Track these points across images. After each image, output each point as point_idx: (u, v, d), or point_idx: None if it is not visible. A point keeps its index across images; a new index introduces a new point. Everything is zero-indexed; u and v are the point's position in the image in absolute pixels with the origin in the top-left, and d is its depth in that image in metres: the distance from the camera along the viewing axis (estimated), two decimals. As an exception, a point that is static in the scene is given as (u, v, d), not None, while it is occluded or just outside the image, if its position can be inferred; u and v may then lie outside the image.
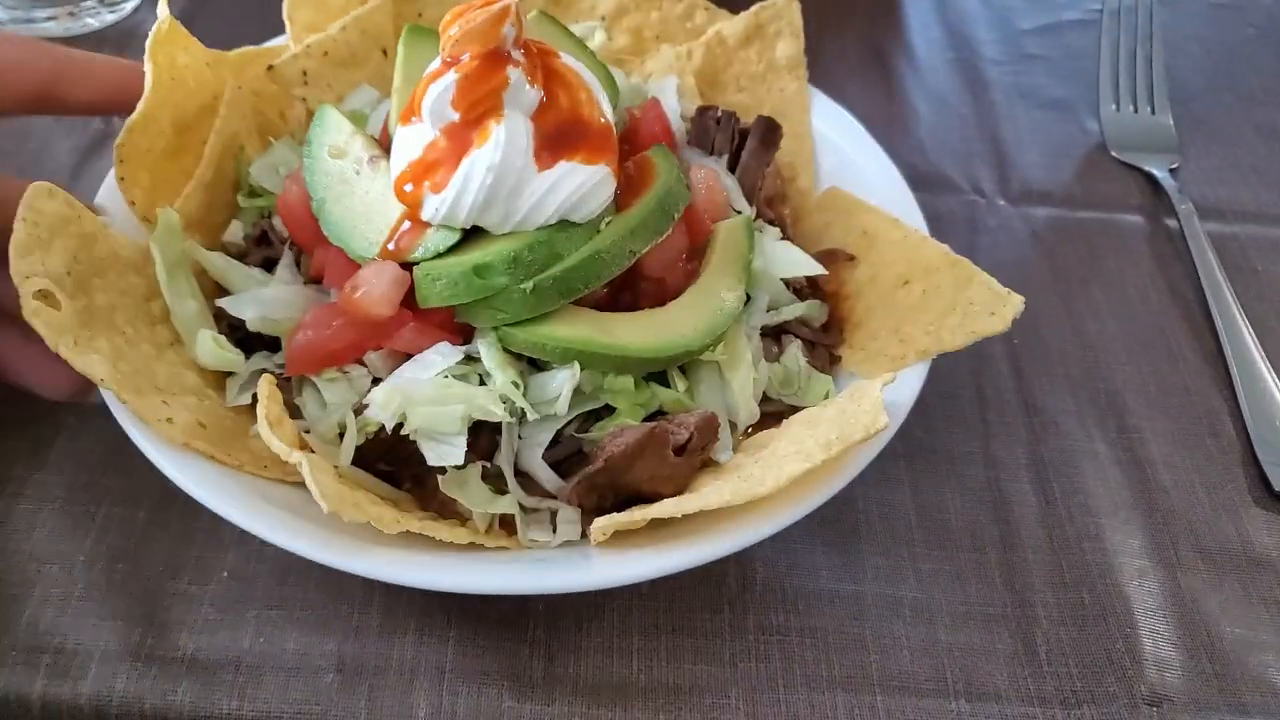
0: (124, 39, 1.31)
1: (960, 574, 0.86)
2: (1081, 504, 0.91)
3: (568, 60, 0.81)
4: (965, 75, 1.38)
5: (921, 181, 1.15)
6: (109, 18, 1.33)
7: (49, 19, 1.28)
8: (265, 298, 0.82)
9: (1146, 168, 1.25)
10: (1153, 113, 1.30)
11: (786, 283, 0.89)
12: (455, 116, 0.76)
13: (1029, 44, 1.44)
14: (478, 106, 0.75)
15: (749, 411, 0.82)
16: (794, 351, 0.86)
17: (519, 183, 0.75)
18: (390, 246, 0.79)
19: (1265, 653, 0.82)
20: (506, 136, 0.74)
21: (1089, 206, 1.21)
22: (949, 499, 0.91)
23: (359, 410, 0.76)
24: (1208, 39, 1.46)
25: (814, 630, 0.80)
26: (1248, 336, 1.04)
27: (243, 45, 0.99)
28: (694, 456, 0.76)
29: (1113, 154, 1.27)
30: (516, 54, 0.77)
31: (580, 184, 0.76)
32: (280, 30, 1.01)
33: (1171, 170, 1.24)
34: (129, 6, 1.35)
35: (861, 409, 0.73)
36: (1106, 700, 0.78)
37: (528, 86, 0.76)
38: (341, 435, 0.76)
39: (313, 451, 0.73)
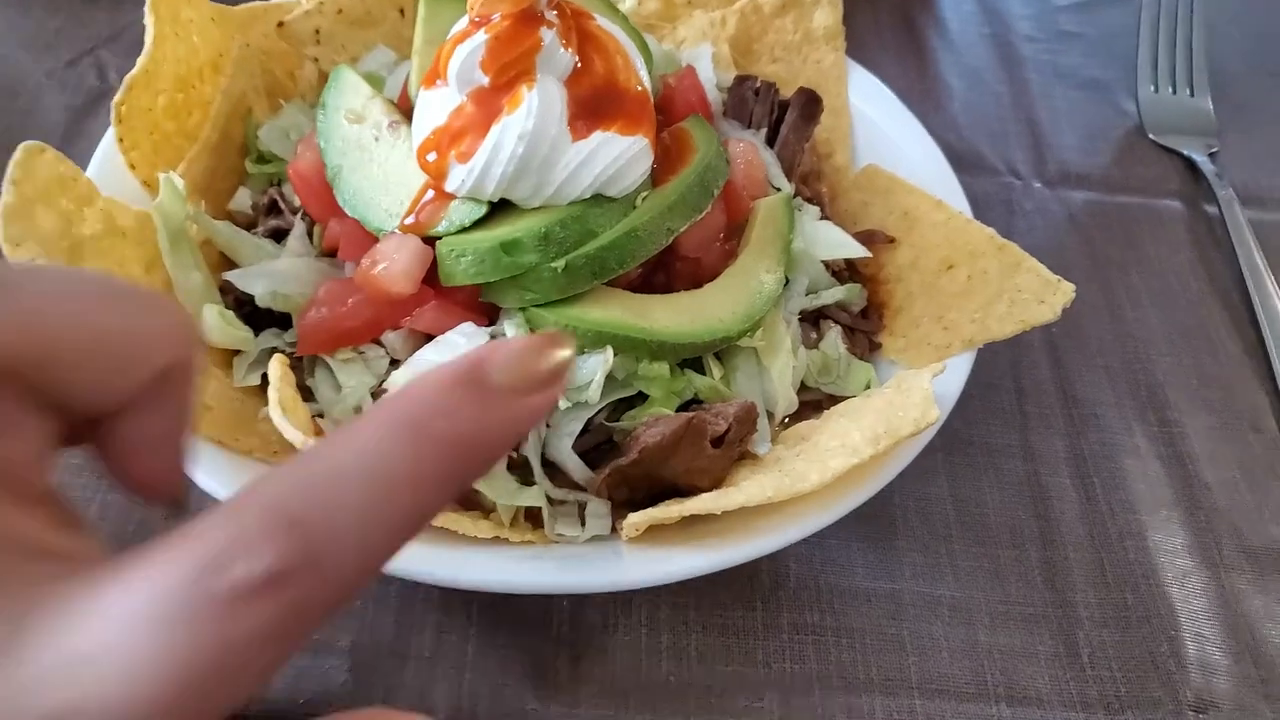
0: (120, -9, 1.25)
1: (1000, 572, 0.82)
2: (1123, 500, 0.88)
3: (603, 23, 0.76)
4: (1000, 52, 1.33)
5: (956, 161, 1.10)
6: (104, -31, 1.26)
7: (40, -31, 1.22)
8: (276, 271, 0.77)
9: (1185, 151, 1.20)
10: (1192, 95, 1.26)
11: (825, 265, 0.85)
12: (484, 80, 0.71)
13: (1065, 21, 1.39)
14: (509, 70, 0.70)
15: (788, 401, 0.78)
16: (833, 338, 0.82)
17: (552, 153, 0.70)
18: (411, 219, 0.74)
19: (1312, 659, 0.79)
20: (540, 102, 0.69)
21: (1127, 191, 1.17)
22: (987, 493, 0.87)
23: (376, 394, 0.71)
24: (1246, 21, 1.41)
25: (850, 630, 0.77)
26: (1290, 328, 1.00)
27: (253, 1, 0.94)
28: (732, 448, 0.72)
29: (1150, 137, 1.23)
30: (550, 15, 0.72)
31: (617, 156, 0.71)
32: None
33: (1210, 155, 1.20)
34: (125, -43, 1.28)
35: (910, 401, 0.69)
36: (1151, 706, 0.75)
37: (561, 49, 0.71)
38: (358, 420, 0.71)
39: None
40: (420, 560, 0.65)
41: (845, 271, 0.88)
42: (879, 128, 0.99)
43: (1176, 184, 1.18)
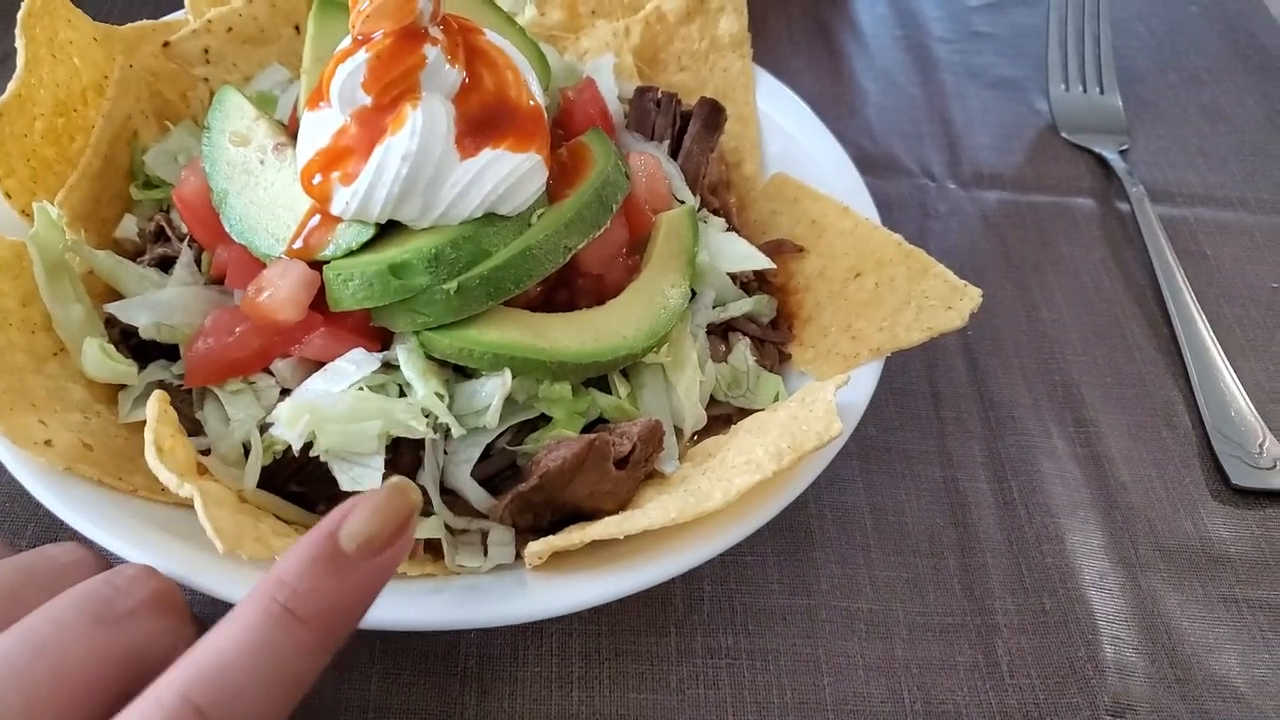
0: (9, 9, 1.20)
1: (918, 581, 0.82)
2: (1040, 504, 0.88)
3: (492, 37, 0.74)
4: (913, 53, 1.34)
5: (870, 165, 1.12)
6: (-8, -12, 1.21)
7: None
8: (160, 301, 0.74)
9: (1097, 149, 1.22)
10: (1101, 93, 1.27)
11: (733, 277, 0.84)
12: (367, 100, 0.68)
13: (977, 21, 1.40)
14: (391, 89, 0.68)
15: (696, 416, 0.76)
16: (742, 350, 0.81)
17: (439, 173, 0.68)
18: (298, 244, 0.71)
19: (1226, 655, 0.79)
20: (424, 121, 0.67)
21: (1041, 189, 1.18)
22: (905, 501, 0.87)
23: (265, 427, 0.68)
24: (1152, 18, 1.44)
25: (765, 652, 0.75)
26: (1201, 324, 1.01)
27: (139, 20, 0.90)
28: (637, 469, 0.70)
29: (1063, 135, 1.24)
30: (434, 31, 0.70)
31: (508, 173, 0.69)
32: (181, 5, 0.92)
33: (1121, 152, 1.22)
34: (15, -24, 1.23)
35: (814, 414, 0.68)
36: (1070, 712, 0.75)
37: (447, 66, 0.69)
38: (247, 455, 0.68)
39: (212, 477, 0.66)
40: (313, 600, 0.62)
41: (754, 282, 0.87)
42: (789, 135, 0.99)
43: (1089, 182, 1.20)
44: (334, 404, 0.66)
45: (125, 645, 0.49)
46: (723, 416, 0.80)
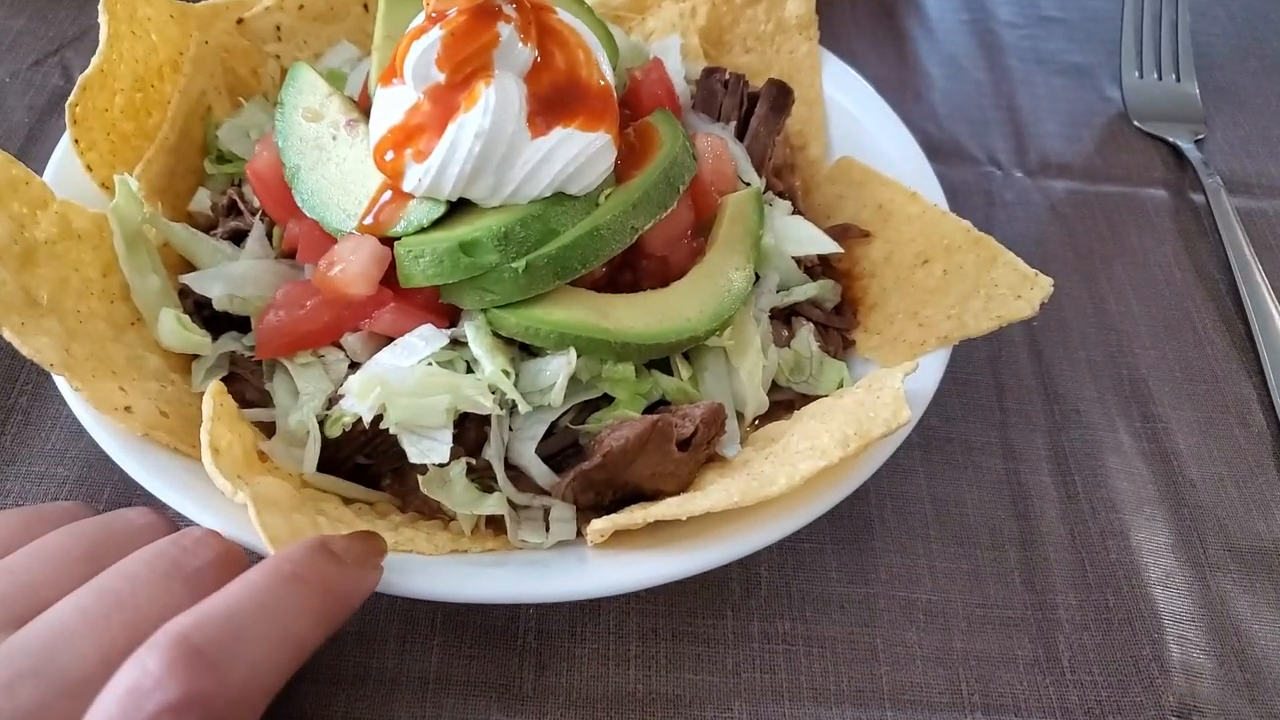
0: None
1: (978, 573, 0.81)
2: (1105, 499, 0.86)
3: (564, 16, 0.74)
4: (980, 38, 1.31)
5: (935, 151, 1.09)
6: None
7: (4, -33, 1.19)
8: (234, 274, 0.76)
9: (1171, 139, 1.18)
10: (1177, 80, 1.24)
11: (797, 261, 0.83)
12: (440, 77, 0.69)
13: (1046, 6, 1.37)
14: (465, 66, 0.68)
15: (758, 401, 0.76)
16: (805, 336, 0.80)
17: (510, 151, 0.68)
18: (369, 220, 0.72)
19: (1298, 659, 0.77)
20: (497, 99, 0.67)
21: (1110, 179, 1.15)
22: (966, 492, 0.86)
23: (334, 400, 0.70)
24: (1232, 3, 1.39)
25: (822, 639, 0.75)
26: (1278, 320, 0.98)
27: None
28: (699, 451, 0.70)
29: (1135, 124, 1.21)
30: (508, 8, 0.70)
31: (578, 153, 0.70)
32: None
33: (1197, 142, 1.18)
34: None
35: (881, 401, 0.67)
36: (1133, 711, 0.74)
37: (520, 44, 0.69)
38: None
39: (272, 464, 0.67)
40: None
41: (818, 267, 0.87)
42: (854, 118, 0.97)
43: (1161, 172, 1.16)
44: (404, 378, 0.66)
45: (192, 601, 0.51)
46: (784, 402, 0.79)
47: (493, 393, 0.68)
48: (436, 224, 0.71)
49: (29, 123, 1.06)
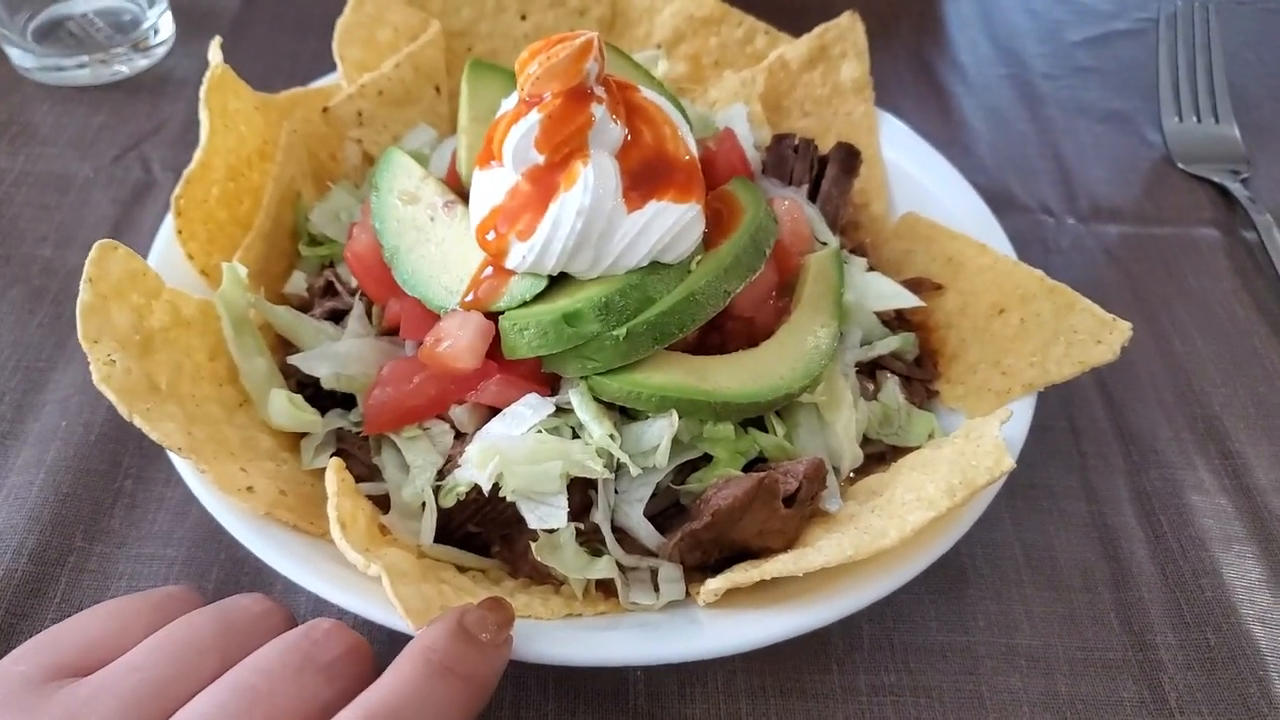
0: (157, 84, 1.28)
1: (1074, 616, 0.81)
2: (1192, 537, 0.87)
3: (648, 94, 0.78)
4: (1019, 90, 1.35)
5: (987, 202, 1.12)
6: (141, 63, 1.29)
7: (79, 66, 1.25)
8: (339, 353, 0.78)
9: (1216, 179, 1.21)
10: (1216, 122, 1.27)
11: (876, 315, 0.86)
12: (539, 159, 0.72)
13: (1081, 56, 1.41)
14: (563, 147, 0.71)
15: (853, 455, 0.78)
16: (891, 388, 0.82)
17: (609, 226, 0.71)
18: (471, 296, 0.75)
19: (1404, 692, 0.77)
20: (595, 177, 0.71)
21: (1161, 222, 1.17)
22: (1054, 536, 0.87)
23: (446, 470, 0.72)
24: (1261, 46, 1.43)
25: (928, 689, 0.76)
26: (1343, 352, 1.00)
27: (273, 85, 0.96)
28: (804, 507, 0.72)
29: (1179, 166, 1.24)
30: (598, 89, 0.73)
31: (672, 223, 0.72)
32: (307, 68, 0.98)
33: (1242, 180, 1.21)
34: (161, 51, 1.31)
35: (982, 450, 0.69)
36: (1246, 750, 0.74)
37: (612, 124, 0.73)
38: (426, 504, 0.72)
39: (392, 537, 0.69)
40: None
41: (895, 321, 0.89)
42: (911, 175, 1.00)
43: (1210, 212, 1.19)
44: (517, 446, 0.69)
45: (327, 694, 0.53)
46: (876, 454, 0.81)
47: (600, 456, 0.70)
48: (538, 298, 0.74)
49: (115, 215, 1.10)
